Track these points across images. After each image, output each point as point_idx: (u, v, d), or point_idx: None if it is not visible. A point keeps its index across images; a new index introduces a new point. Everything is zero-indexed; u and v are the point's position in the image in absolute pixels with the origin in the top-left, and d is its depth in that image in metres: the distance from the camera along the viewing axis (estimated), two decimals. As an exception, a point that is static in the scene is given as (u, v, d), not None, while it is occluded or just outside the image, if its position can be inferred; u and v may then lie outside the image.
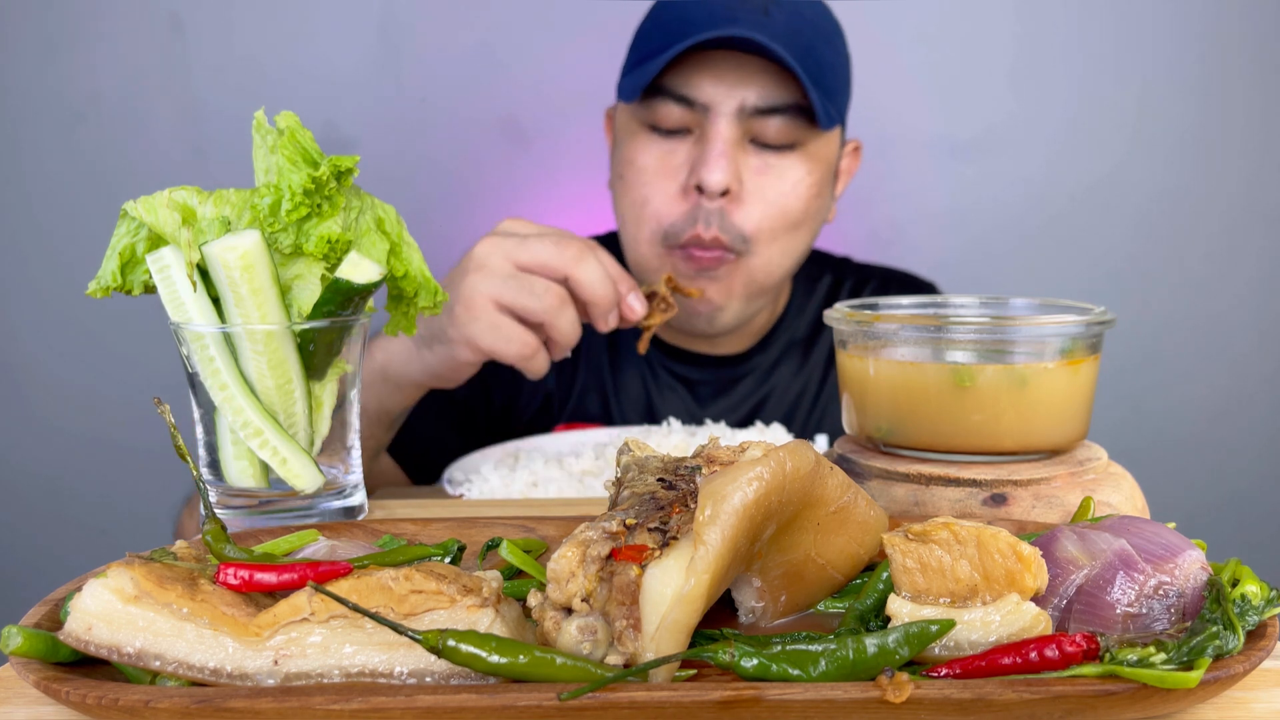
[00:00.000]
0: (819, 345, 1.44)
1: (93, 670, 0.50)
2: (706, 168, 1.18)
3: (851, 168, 1.39)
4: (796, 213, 1.24)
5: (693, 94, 1.19)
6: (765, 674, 0.48)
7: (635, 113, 1.25)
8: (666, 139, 1.23)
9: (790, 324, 1.44)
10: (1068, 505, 0.70)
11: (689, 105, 1.20)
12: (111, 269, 0.75)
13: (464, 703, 0.45)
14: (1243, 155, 1.99)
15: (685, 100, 1.20)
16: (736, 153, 1.20)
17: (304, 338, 0.74)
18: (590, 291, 1.02)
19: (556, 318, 1.01)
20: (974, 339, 0.72)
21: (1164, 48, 1.95)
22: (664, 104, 1.20)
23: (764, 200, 1.22)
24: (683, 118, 1.21)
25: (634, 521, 0.53)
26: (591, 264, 1.02)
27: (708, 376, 1.41)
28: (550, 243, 1.02)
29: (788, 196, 1.23)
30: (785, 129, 1.20)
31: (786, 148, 1.22)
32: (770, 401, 1.41)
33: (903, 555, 0.53)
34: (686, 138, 1.22)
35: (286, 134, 0.73)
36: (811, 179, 1.24)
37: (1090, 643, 0.47)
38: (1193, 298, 2.04)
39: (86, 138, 1.89)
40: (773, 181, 1.22)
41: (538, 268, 1.02)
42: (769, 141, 1.21)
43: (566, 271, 1.01)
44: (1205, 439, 2.06)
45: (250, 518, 0.75)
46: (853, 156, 1.38)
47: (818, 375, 1.44)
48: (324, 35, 1.90)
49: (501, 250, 1.02)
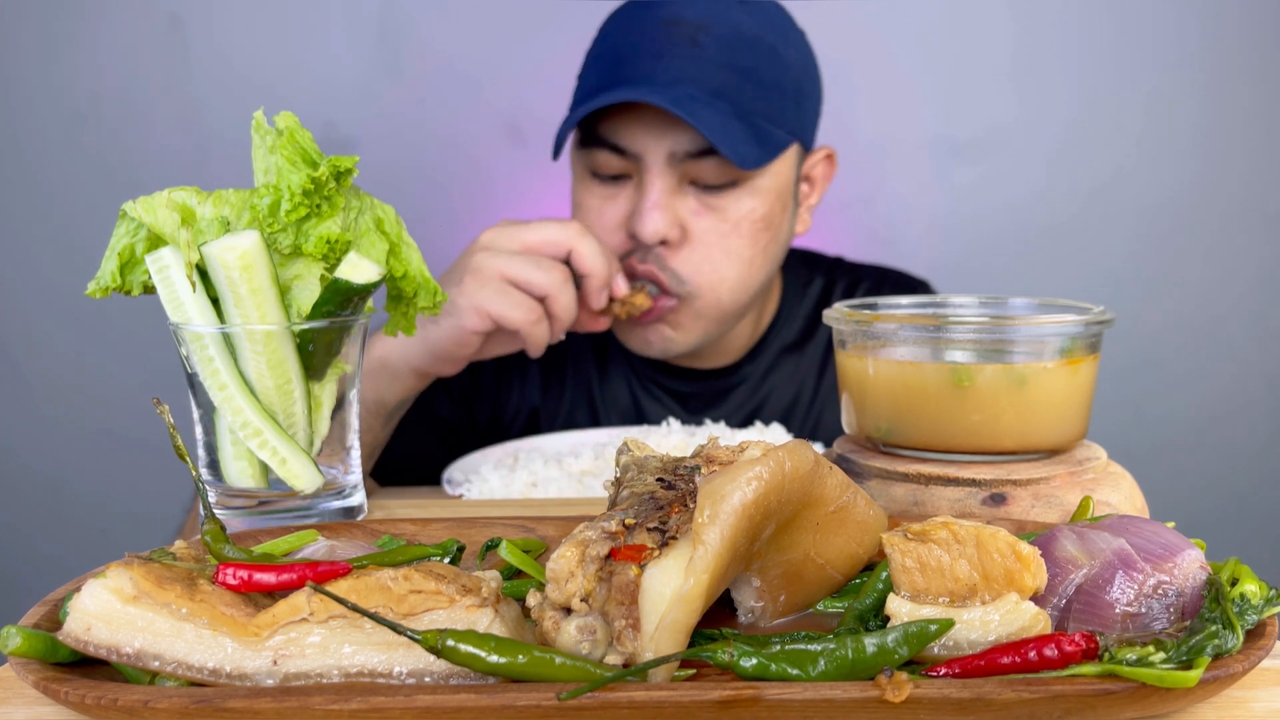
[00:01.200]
0: (812, 348, 1.43)
1: (92, 670, 0.50)
2: (640, 220, 1.18)
3: (827, 174, 1.36)
4: (743, 249, 1.22)
5: (624, 143, 1.20)
6: (764, 674, 0.48)
7: (578, 158, 1.27)
8: (608, 184, 1.24)
9: (781, 330, 1.42)
10: (1067, 505, 0.70)
11: (623, 154, 1.20)
12: (111, 269, 0.75)
13: (463, 702, 0.45)
14: (1243, 156, 1.99)
15: (619, 149, 1.20)
16: (673, 200, 1.19)
17: (303, 338, 0.74)
18: (591, 263, 1.11)
19: (559, 291, 1.08)
20: (973, 339, 0.72)
21: (1165, 49, 1.95)
22: (601, 153, 1.21)
23: (705, 244, 1.21)
24: (620, 165, 1.21)
25: (633, 521, 0.53)
26: (591, 240, 1.12)
27: (698, 389, 1.39)
28: (554, 223, 1.11)
29: (730, 236, 1.21)
30: (721, 170, 1.18)
31: (728, 185, 1.20)
32: (764, 409, 1.40)
33: (902, 555, 0.53)
34: (627, 183, 1.23)
35: (286, 134, 0.73)
36: (760, 211, 1.22)
37: (1089, 642, 0.47)
38: (1192, 298, 2.04)
39: (87, 138, 1.89)
40: (715, 223, 1.21)
41: (542, 244, 1.10)
42: (707, 183, 1.20)
43: (570, 245, 1.10)
44: (1204, 439, 2.06)
45: (249, 518, 0.75)
46: (826, 164, 1.35)
47: (812, 379, 1.42)
48: (324, 35, 1.90)
49: (507, 234, 1.10)
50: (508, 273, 1.08)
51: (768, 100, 1.19)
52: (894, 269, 1.52)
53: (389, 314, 0.85)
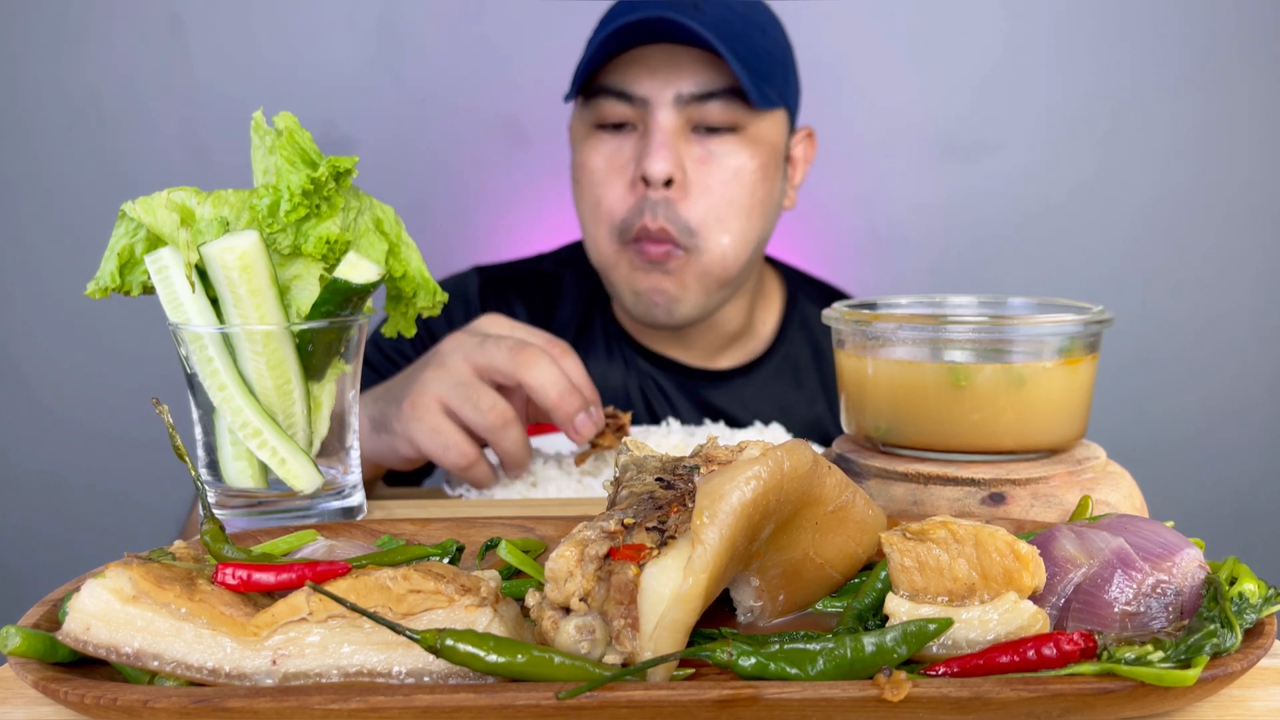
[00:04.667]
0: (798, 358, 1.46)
1: (91, 670, 0.50)
2: (649, 158, 1.22)
3: (808, 155, 1.42)
4: (743, 199, 1.27)
5: (631, 88, 1.24)
6: (763, 673, 0.48)
7: (582, 115, 1.31)
8: (613, 135, 1.28)
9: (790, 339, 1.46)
10: (1066, 504, 0.70)
11: (629, 100, 1.25)
12: (110, 270, 0.75)
13: (462, 702, 0.45)
14: (1244, 156, 1.99)
15: (625, 95, 1.25)
16: (678, 143, 1.24)
17: (303, 338, 0.74)
18: (543, 397, 0.97)
19: (498, 437, 0.98)
20: (972, 338, 0.72)
21: (1166, 49, 1.95)
22: (606, 101, 1.26)
23: (708, 190, 1.25)
24: (625, 112, 1.26)
25: (632, 521, 0.53)
26: (544, 369, 0.97)
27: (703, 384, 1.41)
28: (506, 346, 0.98)
29: (731, 183, 1.26)
30: (724, 111, 1.24)
31: (727, 131, 1.26)
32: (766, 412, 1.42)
33: (901, 554, 0.53)
34: (632, 133, 1.27)
35: (285, 134, 0.73)
36: (755, 163, 1.27)
37: (1088, 641, 0.47)
38: (1192, 298, 2.04)
39: (87, 138, 1.89)
40: (715, 170, 1.25)
41: (489, 370, 0.98)
42: (710, 125, 1.25)
43: (518, 376, 0.97)
44: (1204, 438, 2.06)
45: (249, 518, 0.75)
46: (807, 143, 1.41)
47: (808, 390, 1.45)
48: (324, 35, 1.90)
49: (462, 350, 0.99)
50: (447, 403, 0.98)
51: (762, 60, 1.26)
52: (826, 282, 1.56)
53: (388, 314, 0.85)
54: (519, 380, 0.97)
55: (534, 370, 0.97)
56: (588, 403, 0.99)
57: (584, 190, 1.30)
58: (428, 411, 0.98)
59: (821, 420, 1.42)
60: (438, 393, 0.98)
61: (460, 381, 0.98)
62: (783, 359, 1.44)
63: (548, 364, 0.98)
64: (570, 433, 0.99)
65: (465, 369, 0.98)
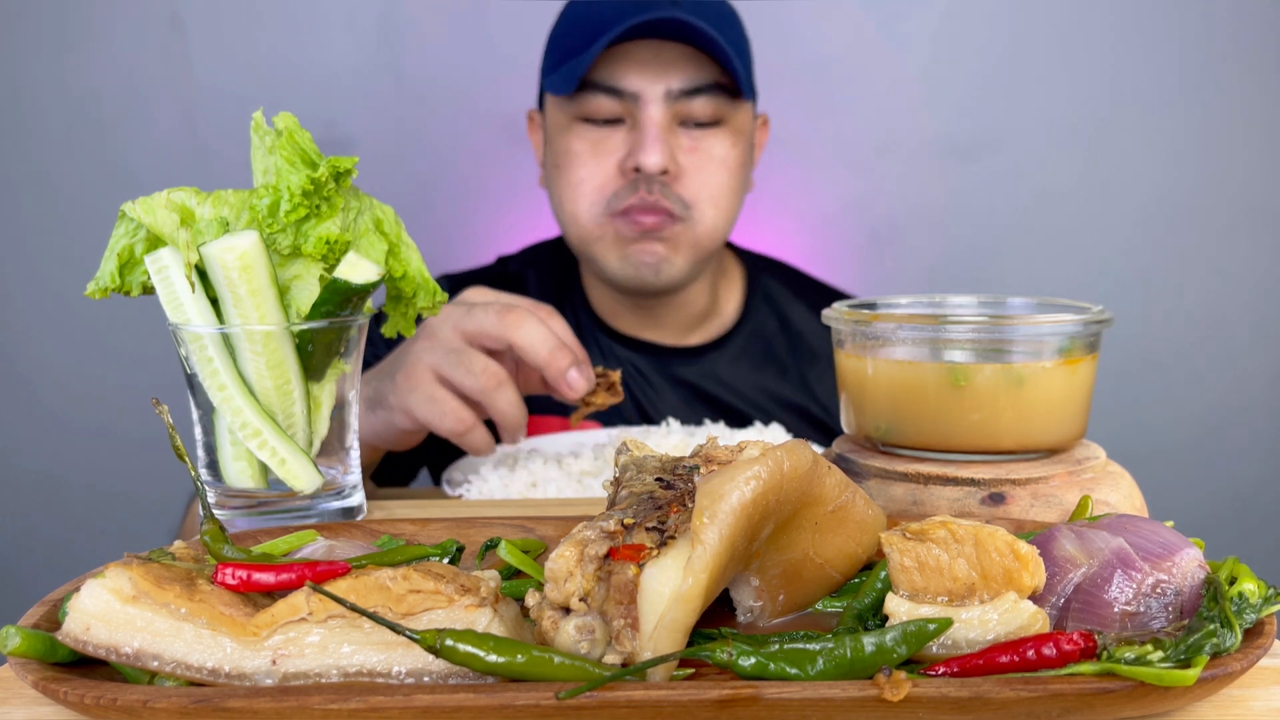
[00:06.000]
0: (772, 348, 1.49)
1: (91, 670, 0.50)
2: (644, 151, 1.25)
3: (762, 140, 1.47)
4: (729, 183, 1.33)
5: (621, 84, 1.27)
6: (763, 673, 0.48)
7: (565, 108, 1.32)
8: (599, 128, 1.30)
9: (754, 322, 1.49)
10: (1066, 504, 0.70)
11: (619, 96, 1.27)
12: (110, 270, 0.75)
13: (462, 702, 0.45)
14: (1244, 157, 1.99)
15: (615, 91, 1.27)
16: (669, 135, 1.28)
17: (302, 338, 0.74)
18: (533, 355, 0.98)
19: (492, 398, 0.99)
20: (972, 338, 0.72)
21: (1165, 47, 1.95)
22: (594, 97, 1.28)
23: (699, 175, 1.30)
24: (614, 108, 1.28)
25: (632, 521, 0.53)
26: (532, 329, 0.99)
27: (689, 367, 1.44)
28: (494, 310, 0.99)
29: (719, 170, 1.32)
30: (711, 106, 1.29)
31: (712, 125, 1.31)
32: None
33: (900, 554, 0.53)
34: (619, 126, 1.30)
35: (285, 135, 0.73)
36: (737, 151, 1.33)
37: (1088, 641, 0.47)
38: (1192, 298, 2.03)
39: (87, 138, 1.89)
40: (704, 159, 1.31)
41: (479, 335, 0.99)
42: (697, 119, 1.29)
43: (507, 337, 0.98)
44: (1204, 439, 2.06)
45: (249, 518, 0.76)
46: (762, 130, 1.47)
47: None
48: (324, 35, 1.90)
49: (450, 319, 1.00)
50: (440, 371, 0.99)
51: (740, 53, 1.31)
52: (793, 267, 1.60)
53: (388, 314, 0.85)
54: (509, 341, 0.99)
55: (522, 330, 0.98)
56: (577, 360, 1.00)
57: (565, 172, 1.32)
58: (422, 381, 0.99)
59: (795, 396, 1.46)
60: (430, 362, 0.99)
61: (451, 349, 0.99)
62: (751, 334, 1.48)
63: (535, 323, 0.99)
64: (563, 388, 1.00)
65: (455, 337, 1.00)
